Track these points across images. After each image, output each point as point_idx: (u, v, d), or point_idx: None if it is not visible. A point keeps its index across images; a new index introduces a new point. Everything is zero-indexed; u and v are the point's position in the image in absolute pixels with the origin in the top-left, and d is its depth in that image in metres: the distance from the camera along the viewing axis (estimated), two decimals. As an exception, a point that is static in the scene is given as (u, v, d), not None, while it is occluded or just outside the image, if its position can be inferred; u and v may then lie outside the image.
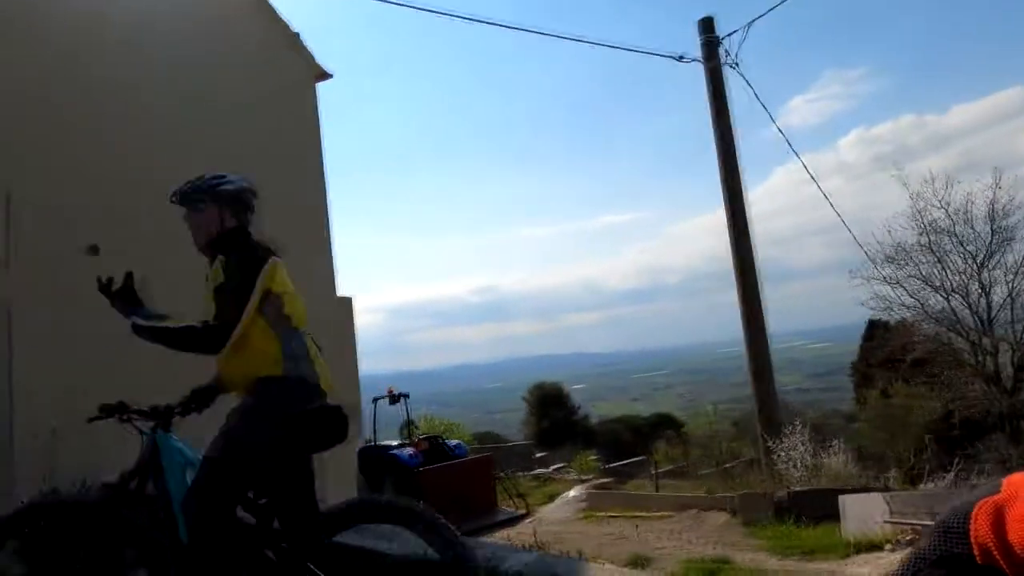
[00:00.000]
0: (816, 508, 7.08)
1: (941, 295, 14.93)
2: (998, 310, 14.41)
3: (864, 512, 6.46)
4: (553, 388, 33.28)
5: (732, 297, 9.64)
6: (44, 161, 5.61)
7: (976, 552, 0.77)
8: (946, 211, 14.49)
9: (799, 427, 8.15)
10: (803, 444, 7.98)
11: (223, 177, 2.53)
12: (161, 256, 6.23)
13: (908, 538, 6.12)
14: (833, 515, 7.25)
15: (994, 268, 14.53)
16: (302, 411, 2.26)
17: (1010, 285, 14.53)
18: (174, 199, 2.55)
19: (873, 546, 6.13)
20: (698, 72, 10.61)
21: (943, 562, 0.82)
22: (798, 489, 7.31)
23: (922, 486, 7.27)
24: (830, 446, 7.88)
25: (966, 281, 14.84)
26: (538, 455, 20.67)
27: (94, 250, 5.84)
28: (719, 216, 10.18)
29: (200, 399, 2.63)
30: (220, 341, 2.31)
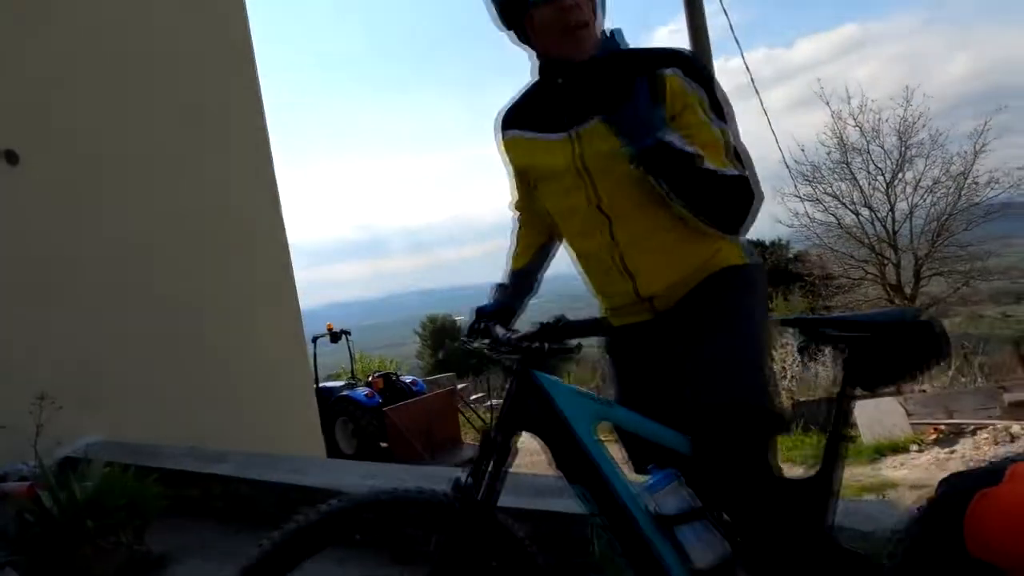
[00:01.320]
0: (821, 416, 7.11)
1: (851, 210, 15.77)
2: (902, 223, 15.44)
3: (879, 417, 6.53)
4: (446, 320, 33.51)
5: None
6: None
7: (970, 545, 0.73)
8: (860, 130, 15.12)
9: (789, 338, 8.19)
10: (792, 355, 7.99)
11: None
12: (98, 165, 4.90)
13: (932, 438, 6.31)
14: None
15: (897, 185, 15.48)
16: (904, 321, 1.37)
17: (909, 199, 15.59)
18: None
19: (898, 448, 6.25)
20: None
21: (936, 551, 0.77)
22: (802, 399, 7.31)
23: (928, 387, 7.50)
24: (820, 355, 7.95)
25: (870, 196, 15.76)
26: (459, 387, 20.31)
27: (11, 157, 4.39)
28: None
29: (519, 297, 1.73)
30: (757, 208, 1.40)
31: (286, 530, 1.19)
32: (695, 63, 1.43)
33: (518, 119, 1.61)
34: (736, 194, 1.37)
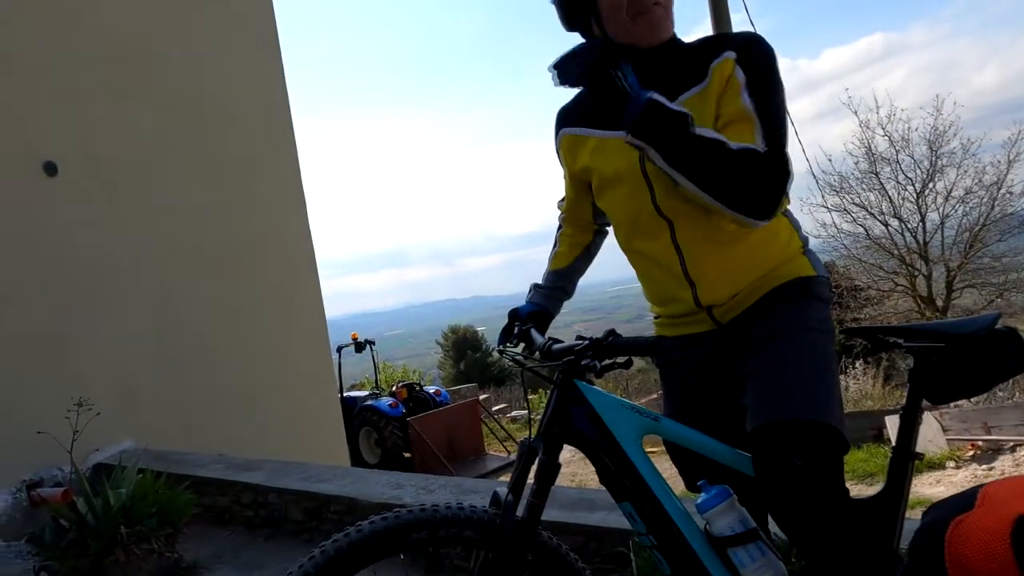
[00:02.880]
0: (854, 431, 6.94)
1: (880, 221, 15.49)
2: (933, 233, 15.12)
3: (914, 431, 6.36)
4: (468, 331, 33.58)
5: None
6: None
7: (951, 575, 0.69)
8: (889, 139, 14.88)
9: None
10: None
11: None
12: (130, 173, 4.99)
13: (970, 454, 6.14)
14: (867, 437, 7.22)
15: (928, 195, 15.17)
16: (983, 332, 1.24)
17: (940, 210, 15.26)
18: None
19: (934, 465, 6.08)
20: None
21: None
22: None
23: (964, 402, 7.30)
24: (851, 368, 7.76)
25: (900, 207, 15.47)
26: (481, 397, 20.31)
27: (51, 168, 4.49)
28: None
29: (551, 305, 1.67)
30: (781, 187, 1.25)
31: (328, 548, 1.16)
32: (753, 47, 1.32)
33: (578, 116, 1.51)
34: (747, 168, 1.22)
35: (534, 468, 1.30)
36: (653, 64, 1.36)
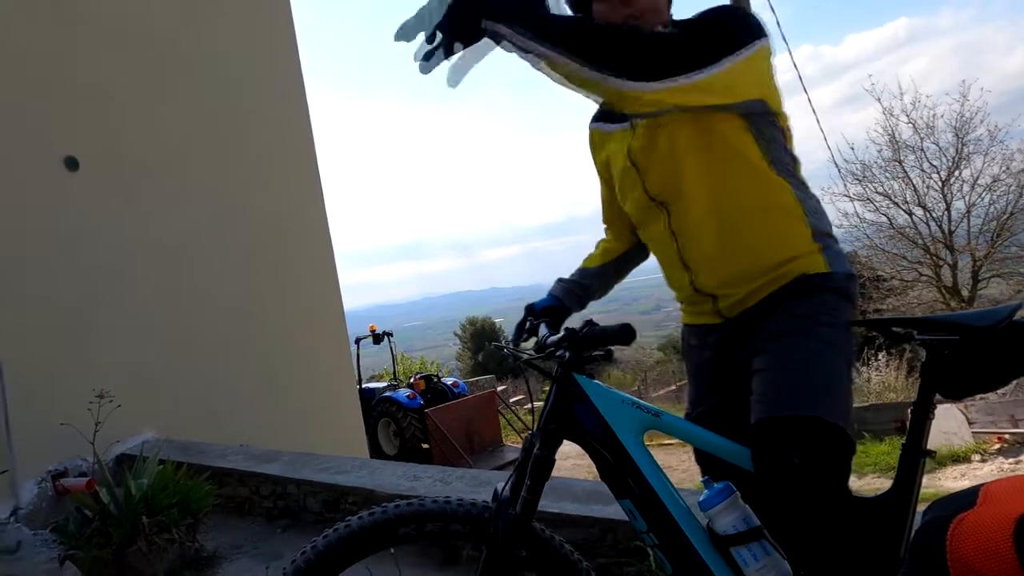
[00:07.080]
0: (876, 423, 6.86)
1: (904, 210, 15.24)
2: (959, 222, 14.85)
3: (937, 424, 6.25)
4: (486, 323, 33.80)
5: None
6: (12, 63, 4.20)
7: (953, 573, 0.68)
8: (914, 126, 14.61)
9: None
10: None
11: None
12: (150, 168, 5.03)
13: (996, 447, 6.03)
14: (890, 430, 7.12)
15: (953, 183, 14.89)
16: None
17: (967, 198, 14.98)
18: None
19: (958, 458, 5.98)
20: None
21: None
22: (857, 405, 7.05)
23: (991, 394, 7.18)
24: (875, 360, 7.65)
25: (924, 195, 15.19)
26: (499, 388, 20.36)
27: (71, 163, 4.53)
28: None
29: (573, 301, 1.67)
30: (673, 59, 1.15)
31: (319, 544, 1.17)
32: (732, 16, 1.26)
33: (601, 112, 1.54)
34: (617, 31, 1.16)
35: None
36: None
